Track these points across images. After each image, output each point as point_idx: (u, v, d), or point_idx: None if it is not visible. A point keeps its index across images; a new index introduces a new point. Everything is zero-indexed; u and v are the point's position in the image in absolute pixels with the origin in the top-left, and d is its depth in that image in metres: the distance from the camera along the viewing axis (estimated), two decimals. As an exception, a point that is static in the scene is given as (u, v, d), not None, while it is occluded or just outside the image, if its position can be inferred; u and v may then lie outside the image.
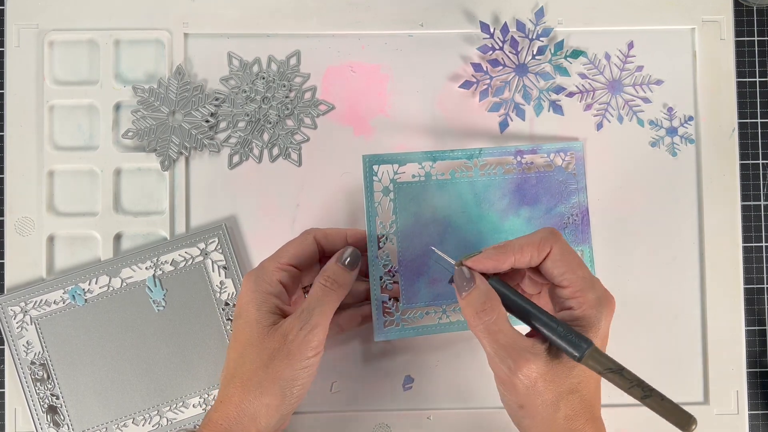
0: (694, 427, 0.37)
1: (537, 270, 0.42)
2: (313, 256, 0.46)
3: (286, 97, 0.52)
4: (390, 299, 0.47)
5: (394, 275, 0.47)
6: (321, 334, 0.42)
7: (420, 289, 0.47)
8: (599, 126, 0.53)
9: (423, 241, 0.47)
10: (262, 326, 0.42)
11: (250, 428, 0.41)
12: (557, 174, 0.50)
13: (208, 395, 0.50)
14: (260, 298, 0.43)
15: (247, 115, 0.52)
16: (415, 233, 0.47)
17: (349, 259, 0.45)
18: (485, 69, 0.52)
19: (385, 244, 0.47)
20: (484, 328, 0.39)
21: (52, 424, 0.50)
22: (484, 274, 0.42)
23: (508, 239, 0.43)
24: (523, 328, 0.41)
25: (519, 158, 0.49)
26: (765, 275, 0.53)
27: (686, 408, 0.51)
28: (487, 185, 0.48)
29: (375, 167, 0.47)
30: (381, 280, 0.47)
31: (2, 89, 0.53)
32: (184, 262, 0.51)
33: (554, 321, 0.39)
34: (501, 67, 0.53)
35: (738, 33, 0.54)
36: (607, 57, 0.53)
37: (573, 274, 0.40)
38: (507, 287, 0.41)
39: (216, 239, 0.51)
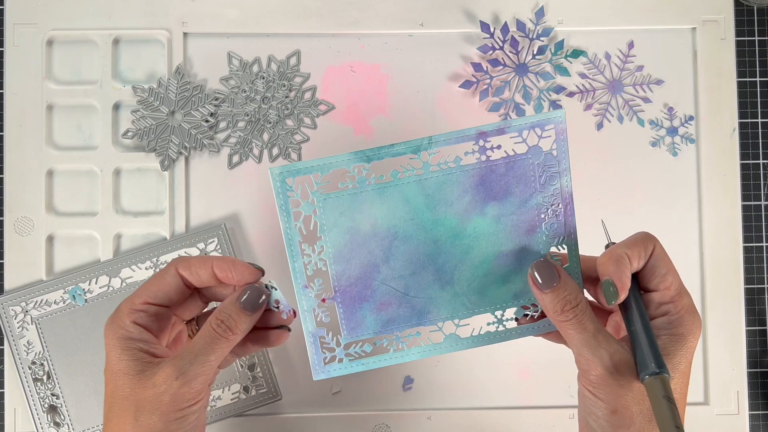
0: None
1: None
2: (180, 291, 0.41)
3: (286, 97, 0.52)
4: (328, 333, 0.40)
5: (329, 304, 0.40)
6: (200, 385, 0.37)
7: (365, 318, 0.40)
8: (599, 126, 0.53)
9: (363, 261, 0.39)
10: (128, 376, 0.38)
11: None
12: (533, 156, 0.39)
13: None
14: (119, 345, 0.38)
15: (247, 115, 0.52)
16: (352, 254, 0.39)
17: (246, 299, 0.39)
18: (485, 69, 0.52)
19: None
20: (576, 321, 0.36)
21: (52, 424, 0.50)
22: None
23: (472, 245, 0.39)
24: None
25: (481, 143, 0.39)
26: (765, 275, 0.53)
27: (686, 408, 0.51)
28: (442, 182, 0.39)
29: (289, 181, 0.39)
30: (314, 312, 0.40)
31: (2, 89, 0.53)
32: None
33: (644, 333, 0.36)
34: (501, 67, 0.52)
35: (738, 33, 0.54)
36: (607, 57, 0.53)
37: (673, 276, 0.38)
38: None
39: (216, 239, 0.51)
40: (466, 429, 0.51)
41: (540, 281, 0.38)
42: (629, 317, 0.38)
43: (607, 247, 0.41)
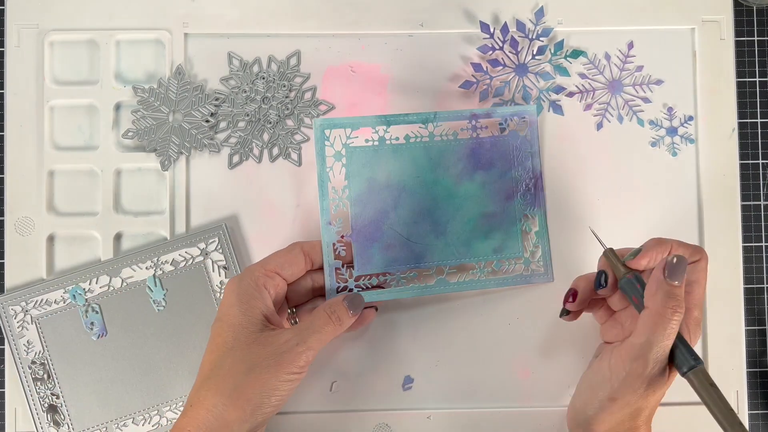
0: None
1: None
2: (300, 269, 0.46)
3: (286, 97, 0.52)
4: (343, 265, 0.47)
5: (347, 241, 0.47)
6: (311, 357, 0.42)
7: (373, 256, 0.47)
8: (599, 126, 0.53)
9: (376, 207, 0.47)
10: (248, 331, 0.41)
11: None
12: (512, 138, 0.49)
13: (208, 395, 0.50)
14: (246, 303, 0.42)
15: (247, 115, 0.52)
16: (368, 199, 0.47)
17: (350, 301, 0.45)
18: (485, 69, 0.52)
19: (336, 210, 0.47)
20: (667, 325, 0.39)
21: (52, 424, 0.50)
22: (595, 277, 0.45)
23: (462, 204, 0.47)
24: None
25: (474, 122, 0.48)
26: (765, 275, 0.53)
27: (686, 408, 0.51)
28: (442, 149, 0.48)
29: (327, 132, 0.47)
30: (334, 246, 0.47)
31: (2, 89, 0.53)
32: (184, 262, 0.51)
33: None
34: (501, 67, 0.53)
35: (738, 33, 0.54)
36: (607, 57, 0.53)
37: (699, 289, 0.42)
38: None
39: (216, 239, 0.51)
40: (466, 429, 0.51)
41: (669, 272, 0.40)
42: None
43: (605, 253, 0.44)
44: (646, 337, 0.39)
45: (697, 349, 0.52)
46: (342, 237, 0.47)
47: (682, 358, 0.40)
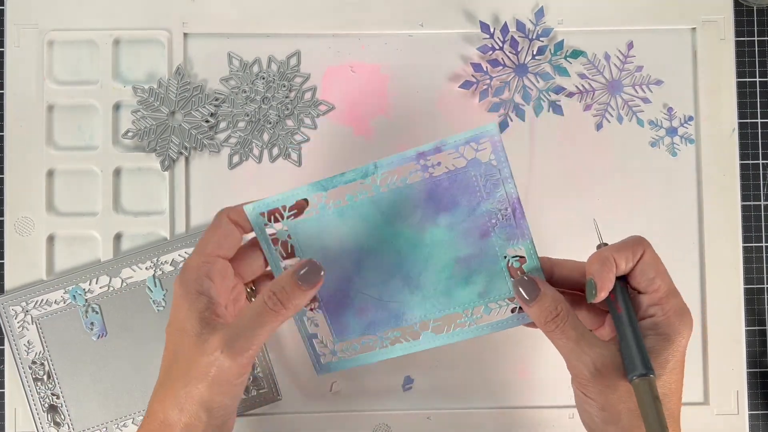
0: None
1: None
2: (236, 239, 0.41)
3: (286, 97, 0.52)
4: (320, 336, 0.44)
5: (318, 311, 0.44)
6: (246, 360, 0.37)
7: (349, 322, 0.44)
8: (599, 126, 0.53)
9: (338, 274, 0.43)
10: (190, 336, 0.38)
11: None
12: (473, 168, 0.41)
13: (208, 395, 0.50)
14: (189, 300, 0.39)
15: (247, 115, 0.52)
16: (328, 269, 0.41)
17: (303, 273, 0.39)
18: (485, 69, 0.52)
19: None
20: (559, 331, 0.38)
21: (52, 424, 0.50)
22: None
23: (432, 252, 0.42)
24: None
25: (422, 161, 0.42)
26: (765, 275, 0.53)
27: (686, 408, 0.51)
28: (393, 200, 0.42)
29: (262, 215, 0.42)
30: (305, 321, 0.44)
31: (2, 89, 0.53)
32: (184, 262, 0.51)
33: (632, 336, 0.38)
34: (501, 67, 0.53)
35: (738, 33, 0.54)
36: (607, 57, 0.53)
37: (662, 280, 0.39)
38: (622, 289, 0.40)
39: (216, 239, 0.51)
40: (466, 429, 0.51)
41: (524, 296, 0.39)
42: (618, 318, 0.39)
43: (598, 247, 0.42)
44: (568, 352, 0.39)
45: (698, 348, 0.52)
46: (311, 309, 0.44)
47: (629, 365, 0.37)
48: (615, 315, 0.40)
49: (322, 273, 0.39)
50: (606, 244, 0.41)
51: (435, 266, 0.43)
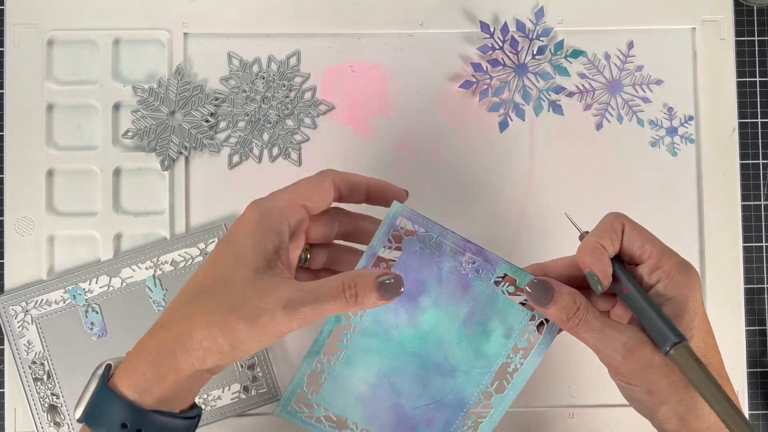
0: None
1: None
2: (328, 202, 0.40)
3: (286, 97, 0.52)
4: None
5: None
6: (296, 326, 0.36)
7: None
8: (599, 126, 0.53)
9: (384, 410, 0.44)
10: (250, 269, 0.36)
11: (182, 365, 0.36)
12: (409, 249, 0.41)
13: (208, 395, 0.50)
14: (260, 235, 0.37)
15: (247, 115, 0.52)
16: (373, 413, 0.43)
17: (389, 282, 0.37)
18: (485, 69, 0.52)
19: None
20: (583, 324, 0.38)
21: (52, 424, 0.50)
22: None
23: (439, 335, 0.42)
24: None
25: (374, 269, 0.42)
26: (765, 275, 0.53)
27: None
28: (375, 320, 0.43)
29: (291, 407, 0.43)
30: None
31: (2, 89, 0.53)
32: (183, 262, 0.51)
33: (651, 310, 0.38)
34: (501, 67, 0.53)
35: (738, 33, 0.54)
36: (607, 57, 0.53)
37: (650, 243, 0.39)
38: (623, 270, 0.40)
39: (216, 239, 0.51)
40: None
41: (537, 300, 0.39)
42: (628, 298, 0.39)
43: (581, 237, 0.42)
44: (599, 345, 0.38)
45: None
46: None
47: (659, 339, 0.37)
48: (624, 297, 0.39)
49: (402, 291, 0.38)
50: (587, 232, 0.41)
51: (450, 342, 0.43)
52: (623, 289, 0.39)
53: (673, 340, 0.36)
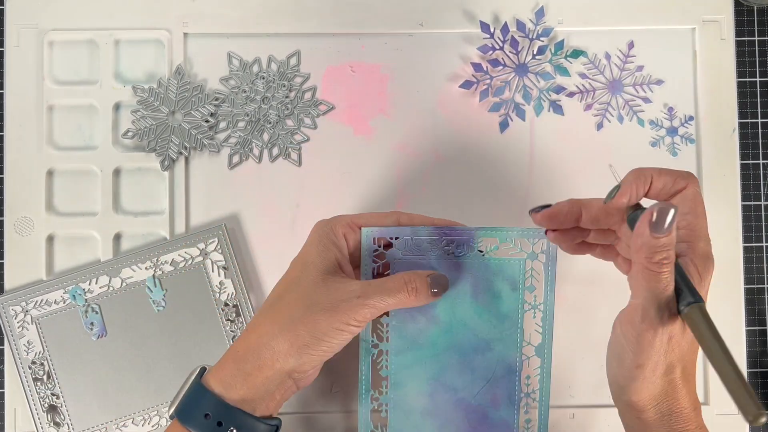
0: (760, 421, 0.33)
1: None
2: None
3: (286, 97, 0.52)
4: None
5: None
6: (370, 315, 0.41)
7: (500, 406, 0.46)
8: (599, 126, 0.53)
9: (450, 409, 0.46)
10: (318, 271, 0.42)
11: (266, 362, 0.40)
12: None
13: (208, 395, 0.50)
14: (324, 245, 0.43)
15: (247, 115, 0.52)
16: (446, 415, 0.46)
17: (435, 277, 0.43)
18: (485, 69, 0.52)
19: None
20: (660, 278, 0.36)
21: (52, 424, 0.50)
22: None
23: (463, 326, 0.45)
24: None
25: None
26: (765, 275, 0.53)
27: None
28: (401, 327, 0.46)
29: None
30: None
31: (2, 89, 0.53)
32: (183, 263, 0.51)
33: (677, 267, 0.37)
34: (501, 67, 0.52)
35: (738, 33, 0.54)
36: (607, 57, 0.53)
37: (696, 219, 0.39)
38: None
39: (216, 239, 0.51)
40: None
41: (656, 222, 0.36)
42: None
43: (612, 190, 0.40)
44: (643, 296, 0.37)
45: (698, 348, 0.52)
46: None
47: (679, 298, 0.37)
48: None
49: (447, 284, 0.44)
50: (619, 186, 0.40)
51: (473, 320, 0.45)
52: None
53: (689, 300, 0.36)
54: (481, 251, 0.45)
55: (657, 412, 0.39)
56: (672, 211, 0.36)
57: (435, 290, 0.43)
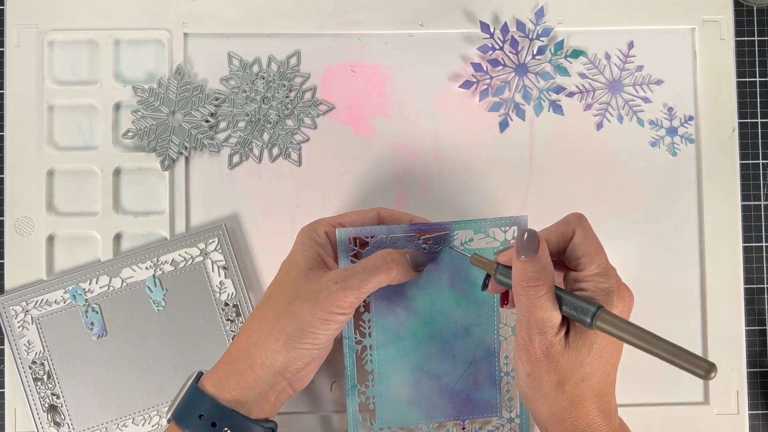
0: (713, 374, 0.34)
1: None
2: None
3: (286, 97, 0.52)
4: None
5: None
6: (352, 298, 0.41)
7: (483, 385, 0.47)
8: (599, 126, 0.53)
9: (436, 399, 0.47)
10: (300, 268, 0.43)
11: (256, 360, 0.41)
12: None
13: (208, 395, 0.50)
14: (307, 245, 0.44)
15: (247, 115, 0.52)
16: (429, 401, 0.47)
17: (413, 256, 0.44)
18: (485, 69, 0.52)
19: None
20: (527, 300, 0.38)
21: (52, 424, 0.50)
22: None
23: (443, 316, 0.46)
24: None
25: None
26: (765, 275, 0.53)
27: (686, 408, 0.51)
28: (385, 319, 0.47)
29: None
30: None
31: (2, 89, 0.53)
32: (184, 262, 0.51)
33: (566, 292, 0.39)
34: (501, 67, 0.53)
35: (738, 33, 0.54)
36: (607, 57, 0.53)
37: (590, 260, 0.40)
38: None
39: (216, 239, 0.51)
40: (466, 429, 0.51)
41: (520, 247, 0.39)
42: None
43: (471, 257, 0.43)
44: (518, 315, 0.39)
45: (698, 349, 0.52)
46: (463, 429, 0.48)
47: (580, 315, 0.38)
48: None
49: (425, 265, 0.45)
50: (474, 255, 0.43)
51: (452, 308, 0.47)
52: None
53: (590, 312, 0.37)
54: (453, 247, 0.46)
55: (563, 429, 0.40)
56: (527, 235, 0.39)
57: (416, 266, 0.44)
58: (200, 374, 0.43)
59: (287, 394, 0.43)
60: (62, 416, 0.50)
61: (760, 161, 0.54)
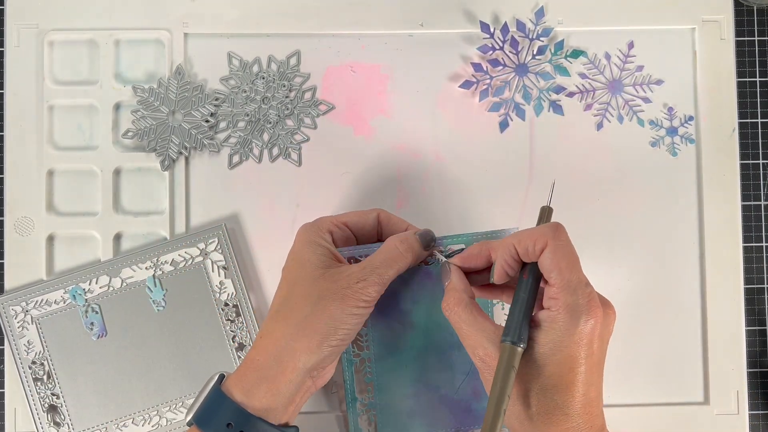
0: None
1: None
2: (371, 231, 0.46)
3: (286, 97, 0.52)
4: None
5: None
6: (375, 292, 0.41)
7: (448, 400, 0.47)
8: (599, 126, 0.53)
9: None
10: (315, 266, 0.42)
11: (288, 364, 0.40)
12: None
13: None
14: (313, 243, 0.43)
15: (247, 115, 0.52)
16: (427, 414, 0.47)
17: (422, 234, 0.44)
18: (485, 69, 0.52)
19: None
20: (449, 318, 0.40)
21: (52, 424, 0.50)
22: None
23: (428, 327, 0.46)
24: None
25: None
26: (765, 275, 0.53)
27: (686, 408, 0.51)
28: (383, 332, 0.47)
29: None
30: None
31: (2, 89, 0.53)
32: (183, 262, 0.51)
33: (518, 308, 0.38)
34: (501, 67, 0.53)
35: (738, 33, 0.54)
36: (607, 57, 0.53)
37: (559, 275, 0.37)
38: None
39: (216, 239, 0.51)
40: (466, 429, 0.51)
41: (443, 275, 0.42)
42: (521, 282, 0.39)
43: (542, 209, 0.42)
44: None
45: (698, 349, 0.52)
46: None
47: (507, 330, 0.38)
48: (520, 278, 0.40)
49: (434, 241, 0.45)
50: (550, 208, 0.42)
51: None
52: (524, 275, 0.40)
53: (511, 339, 0.37)
54: (448, 257, 0.44)
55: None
56: (444, 263, 0.42)
57: (425, 245, 0.44)
58: (222, 376, 0.42)
59: (310, 393, 0.43)
60: (62, 416, 0.50)
61: (760, 161, 0.54)
